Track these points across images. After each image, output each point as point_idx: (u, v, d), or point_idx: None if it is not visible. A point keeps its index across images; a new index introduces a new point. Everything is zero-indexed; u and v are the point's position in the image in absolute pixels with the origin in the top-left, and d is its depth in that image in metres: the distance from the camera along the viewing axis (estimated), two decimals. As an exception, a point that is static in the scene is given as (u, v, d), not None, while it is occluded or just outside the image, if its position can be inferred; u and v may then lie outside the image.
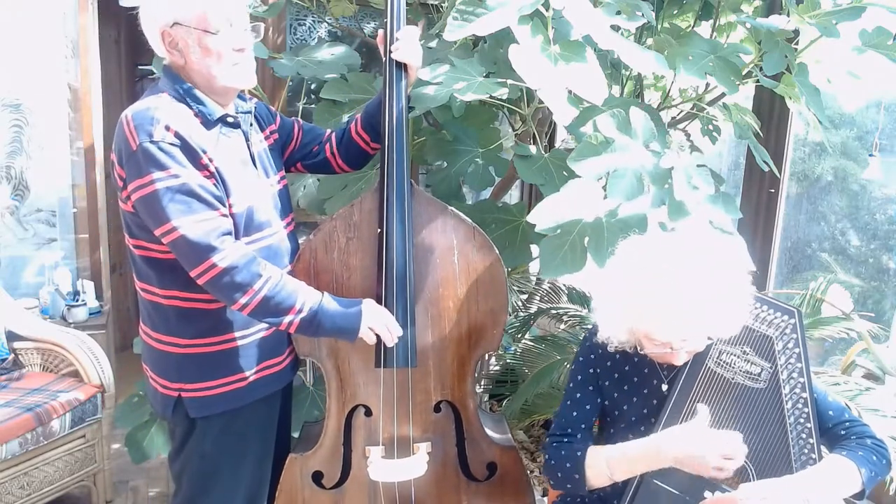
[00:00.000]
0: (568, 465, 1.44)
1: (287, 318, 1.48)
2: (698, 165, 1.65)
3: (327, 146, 1.79)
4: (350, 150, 1.79)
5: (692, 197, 1.62)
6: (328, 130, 1.82)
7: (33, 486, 2.26)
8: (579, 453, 1.43)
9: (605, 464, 1.39)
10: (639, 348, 1.37)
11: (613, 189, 1.53)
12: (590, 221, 1.56)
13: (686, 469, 1.33)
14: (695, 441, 1.31)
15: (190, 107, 1.47)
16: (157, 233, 1.42)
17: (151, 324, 1.56)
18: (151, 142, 1.38)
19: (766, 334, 1.39)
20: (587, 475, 1.41)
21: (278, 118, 1.74)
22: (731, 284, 1.29)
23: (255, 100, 1.66)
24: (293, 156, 1.79)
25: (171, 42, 1.45)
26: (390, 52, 1.64)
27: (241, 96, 1.60)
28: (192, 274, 1.42)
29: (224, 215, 1.45)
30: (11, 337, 2.58)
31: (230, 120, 1.53)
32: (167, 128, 1.39)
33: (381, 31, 1.68)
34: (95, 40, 2.97)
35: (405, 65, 1.65)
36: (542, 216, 1.54)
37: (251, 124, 1.61)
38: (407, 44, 1.63)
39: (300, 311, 1.48)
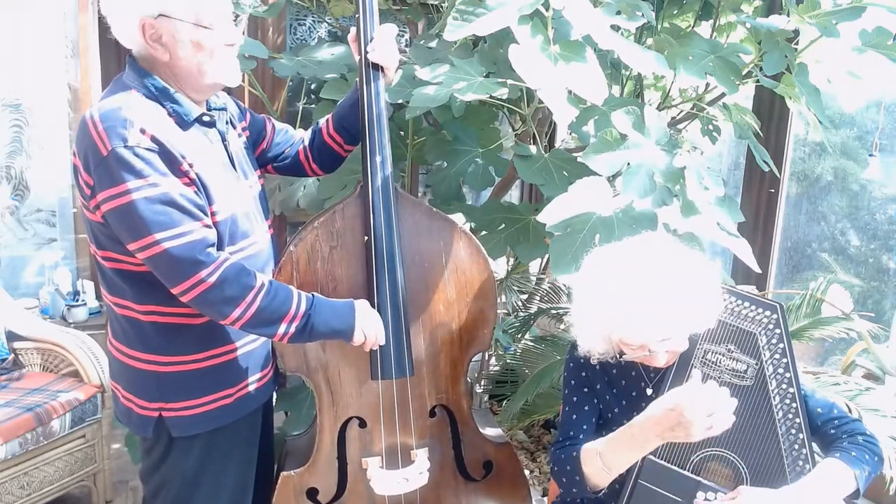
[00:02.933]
0: (568, 467, 1.43)
1: (282, 328, 1.39)
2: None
3: (301, 149, 1.72)
4: (323, 153, 1.72)
5: (703, 197, 1.63)
6: (300, 131, 1.76)
7: (33, 486, 2.26)
8: (575, 454, 1.42)
9: (597, 457, 1.38)
10: (620, 356, 1.37)
11: (627, 186, 1.54)
12: (600, 218, 1.57)
13: (678, 440, 1.29)
14: (676, 402, 1.27)
15: (163, 105, 1.34)
16: (134, 247, 1.29)
17: (127, 341, 1.44)
18: (126, 147, 1.25)
19: (750, 331, 1.39)
20: (585, 473, 1.40)
21: (248, 115, 1.64)
22: (693, 278, 1.29)
23: (224, 94, 1.55)
24: (264, 156, 1.69)
25: (154, 35, 1.31)
26: (366, 52, 1.57)
27: None
28: (176, 291, 1.32)
29: (207, 226, 1.33)
30: (11, 337, 2.58)
31: (206, 119, 1.41)
32: (142, 131, 1.27)
33: (352, 30, 1.62)
34: (95, 40, 2.96)
35: (381, 66, 1.58)
36: (552, 215, 1.55)
37: (227, 122, 1.49)
38: (382, 44, 1.56)
39: (294, 318, 1.39)
